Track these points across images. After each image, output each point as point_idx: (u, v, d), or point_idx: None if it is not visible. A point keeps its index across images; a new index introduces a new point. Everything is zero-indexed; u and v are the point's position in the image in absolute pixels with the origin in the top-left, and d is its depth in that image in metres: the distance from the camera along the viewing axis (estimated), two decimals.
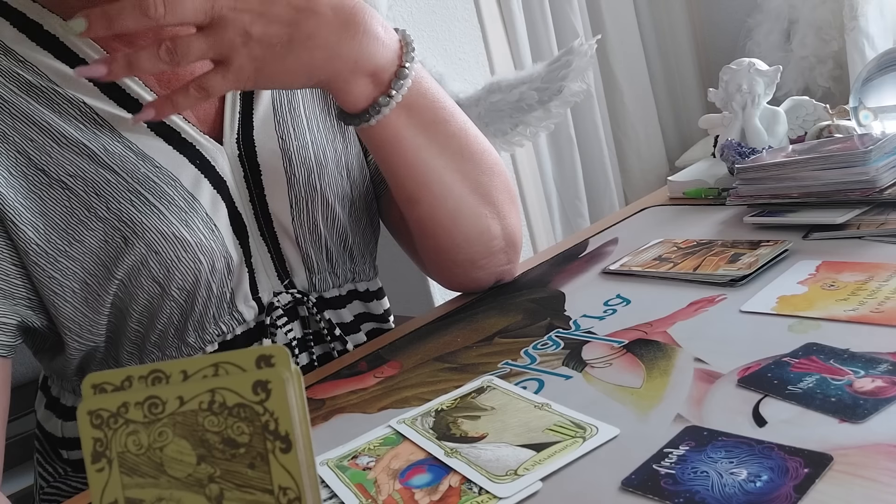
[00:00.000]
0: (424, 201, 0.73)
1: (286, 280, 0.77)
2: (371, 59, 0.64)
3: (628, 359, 0.59)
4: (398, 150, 0.70)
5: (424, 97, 0.69)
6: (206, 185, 0.70)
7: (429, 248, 0.79)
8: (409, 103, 0.67)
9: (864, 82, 0.89)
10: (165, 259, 0.66)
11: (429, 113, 0.70)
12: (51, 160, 0.64)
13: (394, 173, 0.72)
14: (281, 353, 0.35)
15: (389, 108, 0.66)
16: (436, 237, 0.76)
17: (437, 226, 0.75)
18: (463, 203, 0.74)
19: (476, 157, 0.74)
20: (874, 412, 0.45)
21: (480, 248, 0.77)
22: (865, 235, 0.70)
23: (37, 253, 0.64)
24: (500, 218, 0.77)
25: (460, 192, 0.73)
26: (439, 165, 0.71)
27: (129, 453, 0.35)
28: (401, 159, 0.70)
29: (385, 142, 0.69)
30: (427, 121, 0.70)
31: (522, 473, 0.47)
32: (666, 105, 2.62)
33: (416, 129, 0.69)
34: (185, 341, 0.71)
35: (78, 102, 0.66)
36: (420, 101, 0.69)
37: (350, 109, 0.67)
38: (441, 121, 0.71)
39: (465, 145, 0.73)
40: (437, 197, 0.73)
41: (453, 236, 0.75)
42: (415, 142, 0.69)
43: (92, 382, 0.35)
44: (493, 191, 0.76)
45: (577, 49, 1.45)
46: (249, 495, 0.34)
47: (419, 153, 0.70)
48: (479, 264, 0.78)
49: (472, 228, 0.75)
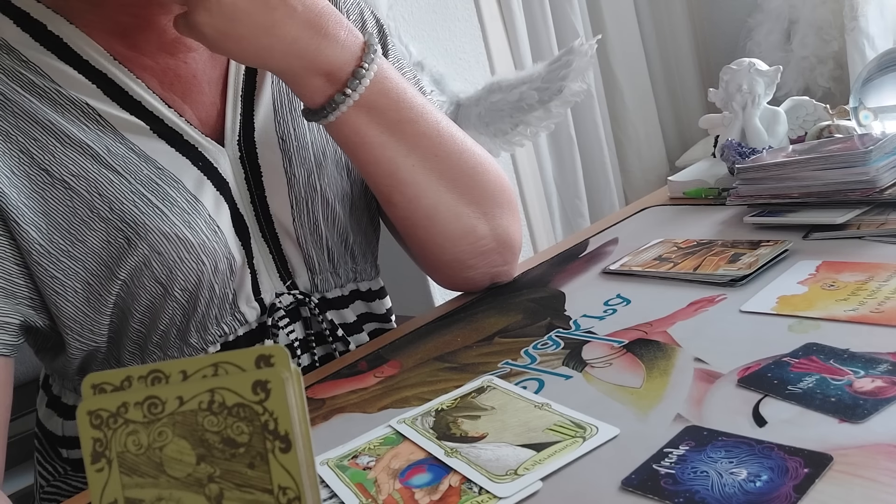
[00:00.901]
0: (398, 202, 0.74)
1: (288, 281, 0.77)
2: (326, 60, 0.66)
3: (628, 359, 0.59)
4: (362, 148, 0.70)
5: (387, 97, 0.69)
6: (209, 187, 0.70)
7: (415, 248, 0.80)
8: (368, 102, 0.68)
9: (865, 82, 0.89)
10: (168, 260, 0.66)
11: (392, 112, 0.70)
12: (54, 160, 0.64)
13: (364, 172, 0.73)
14: (280, 353, 0.35)
15: (346, 106, 0.67)
16: (417, 237, 0.77)
17: (415, 226, 0.75)
18: (440, 202, 0.74)
19: (454, 156, 0.74)
20: (874, 412, 0.45)
21: (467, 248, 0.77)
22: (865, 235, 0.70)
23: (39, 253, 0.64)
24: (488, 218, 0.76)
25: (436, 192, 0.73)
26: (408, 164, 0.72)
27: (128, 453, 0.35)
28: (367, 157, 0.71)
29: (348, 139, 0.70)
30: (391, 120, 0.70)
31: (522, 473, 0.47)
32: (666, 105, 2.62)
33: (378, 127, 0.69)
34: (187, 342, 0.71)
35: (81, 104, 0.66)
36: (381, 101, 0.69)
37: (308, 105, 0.69)
38: (407, 120, 0.71)
39: (438, 144, 0.73)
40: (411, 198, 0.73)
41: (433, 236, 0.75)
42: (378, 140, 0.70)
43: (91, 382, 0.35)
44: (475, 190, 0.75)
45: (578, 49, 1.45)
46: (249, 495, 0.34)
47: (384, 152, 0.71)
48: (468, 264, 0.78)
49: (452, 228, 0.75)
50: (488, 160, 0.77)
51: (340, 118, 0.68)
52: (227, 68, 0.74)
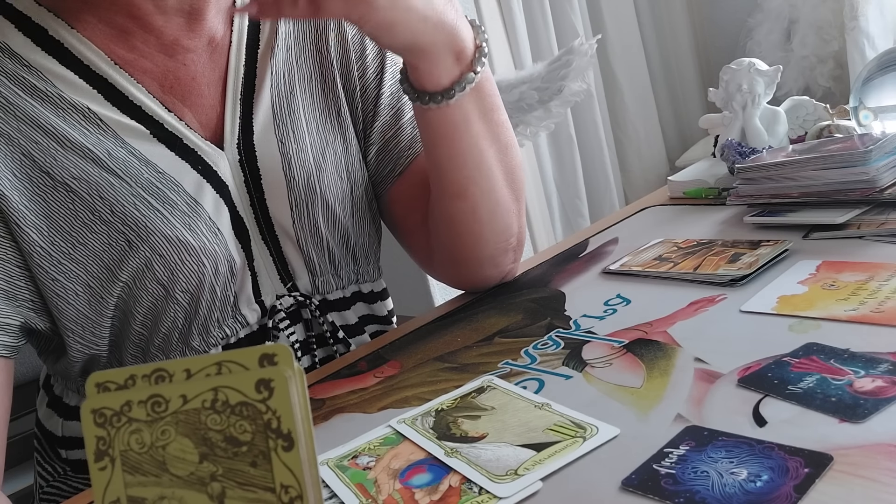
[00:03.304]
0: (472, 194, 0.73)
1: (289, 283, 0.77)
2: (460, 36, 0.66)
3: (628, 359, 0.59)
4: (463, 135, 0.70)
5: (490, 82, 0.70)
6: (209, 190, 0.70)
7: (456, 245, 0.78)
8: (479, 87, 0.68)
9: (865, 82, 0.89)
10: (169, 262, 0.66)
11: (491, 99, 0.70)
12: (55, 163, 0.64)
13: (449, 162, 0.72)
14: (284, 352, 0.35)
15: (471, 87, 0.67)
16: (471, 232, 0.75)
17: (475, 219, 0.74)
18: (502, 196, 0.74)
19: (513, 149, 0.75)
20: (874, 412, 0.45)
21: (502, 244, 0.77)
22: (865, 235, 0.70)
23: (41, 255, 0.64)
24: (519, 216, 0.77)
25: (501, 185, 0.74)
26: (491, 156, 0.72)
27: (131, 452, 0.35)
28: (463, 145, 0.70)
29: (453, 125, 0.69)
30: (489, 107, 0.70)
31: (522, 473, 0.47)
32: (666, 105, 2.62)
33: (479, 113, 0.70)
34: (189, 345, 0.71)
35: (82, 108, 0.66)
36: (487, 86, 0.69)
37: (432, 87, 0.67)
38: (498, 108, 0.71)
39: (510, 135, 0.74)
40: (484, 191, 0.73)
41: (485, 230, 0.75)
42: (477, 128, 0.70)
43: (95, 381, 0.35)
44: (520, 186, 0.76)
45: (578, 49, 1.46)
46: (251, 493, 0.34)
47: (479, 140, 0.70)
48: (496, 261, 0.78)
49: (501, 223, 0.75)
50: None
51: (458, 101, 0.67)
52: (226, 70, 0.74)
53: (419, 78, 0.68)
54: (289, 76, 0.76)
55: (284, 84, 0.76)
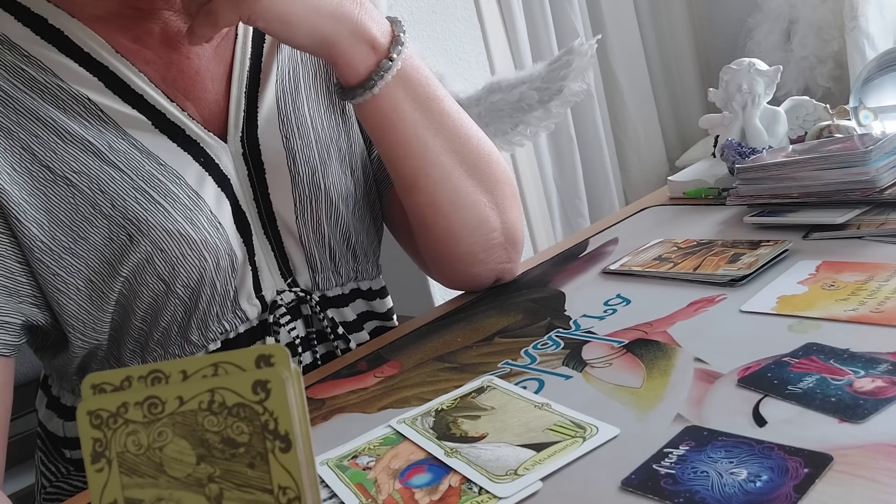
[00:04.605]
0: (424, 185, 0.73)
1: (289, 278, 0.77)
2: (367, 27, 0.67)
3: (628, 359, 0.59)
4: (397, 124, 0.71)
5: (418, 72, 0.71)
6: (211, 183, 0.70)
7: (430, 240, 0.79)
8: (405, 75, 0.69)
9: (865, 82, 0.89)
10: (170, 256, 0.66)
11: (423, 88, 0.71)
12: (55, 157, 0.64)
13: (393, 155, 0.73)
14: (280, 353, 0.35)
15: (391, 75, 0.68)
16: (436, 227, 0.76)
17: (437, 213, 0.75)
18: (461, 187, 0.74)
19: (472, 141, 0.75)
20: (874, 412, 0.45)
21: (480, 240, 0.77)
22: (865, 235, 0.70)
23: (41, 250, 0.64)
24: (500, 210, 0.77)
25: (458, 176, 0.74)
26: (436, 145, 0.72)
27: (128, 453, 0.35)
28: (400, 136, 0.71)
29: (386, 116, 0.70)
30: (422, 96, 0.71)
31: (522, 473, 0.47)
32: (666, 105, 2.62)
33: (412, 103, 0.70)
34: (189, 339, 0.71)
35: (83, 99, 0.66)
36: (414, 75, 0.71)
37: (351, 80, 0.69)
38: (435, 97, 0.72)
39: (460, 125, 0.74)
40: (437, 181, 0.73)
41: (452, 223, 0.75)
42: (412, 117, 0.71)
43: (91, 383, 0.35)
44: (490, 178, 0.76)
45: (578, 49, 1.45)
46: (249, 495, 0.34)
47: (417, 130, 0.71)
48: (478, 258, 0.78)
49: (471, 216, 0.75)
50: (496, 150, 0.78)
51: (382, 91, 0.68)
52: (231, 64, 0.74)
53: (341, 74, 0.69)
54: (294, 72, 0.77)
55: (290, 79, 0.76)
